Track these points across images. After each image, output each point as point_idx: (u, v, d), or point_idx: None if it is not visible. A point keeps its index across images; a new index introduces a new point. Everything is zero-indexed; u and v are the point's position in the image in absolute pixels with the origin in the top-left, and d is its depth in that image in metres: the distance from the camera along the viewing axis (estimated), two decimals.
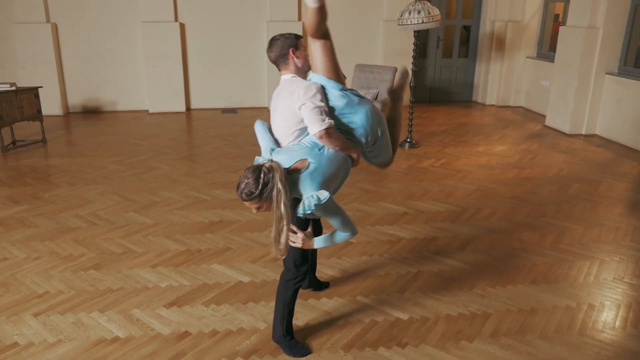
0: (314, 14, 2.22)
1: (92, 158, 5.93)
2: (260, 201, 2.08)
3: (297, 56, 2.40)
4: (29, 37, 7.65)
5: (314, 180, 2.13)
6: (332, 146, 2.23)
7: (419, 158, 6.00)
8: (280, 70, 2.44)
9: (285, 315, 2.56)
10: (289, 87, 2.34)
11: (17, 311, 2.91)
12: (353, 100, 2.32)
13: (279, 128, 2.38)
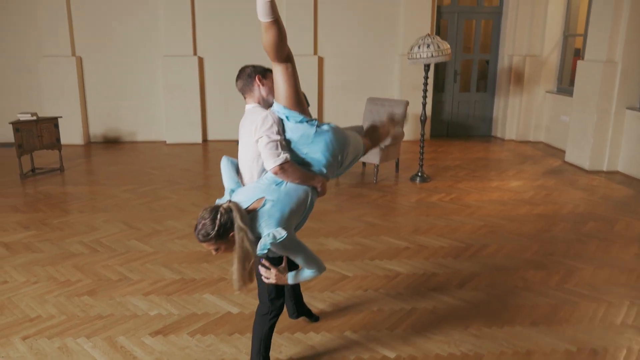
0: (269, 30, 2.11)
1: (105, 186, 6.13)
2: (217, 242, 2.06)
3: (263, 84, 2.42)
4: (55, 69, 8.08)
5: (271, 217, 2.09)
6: (290, 180, 2.20)
7: (428, 192, 5.97)
8: (246, 98, 2.46)
9: (262, 350, 2.54)
10: (250, 117, 2.36)
11: (7, 334, 2.99)
12: (309, 132, 2.26)
13: (244, 159, 2.39)
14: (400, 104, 6.76)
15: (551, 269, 3.94)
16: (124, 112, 8.60)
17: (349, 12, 8.49)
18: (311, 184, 2.27)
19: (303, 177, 2.23)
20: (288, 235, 2.07)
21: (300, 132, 2.25)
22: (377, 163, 6.31)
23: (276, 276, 2.30)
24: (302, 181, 2.23)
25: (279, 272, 2.30)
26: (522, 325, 3.16)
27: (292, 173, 2.19)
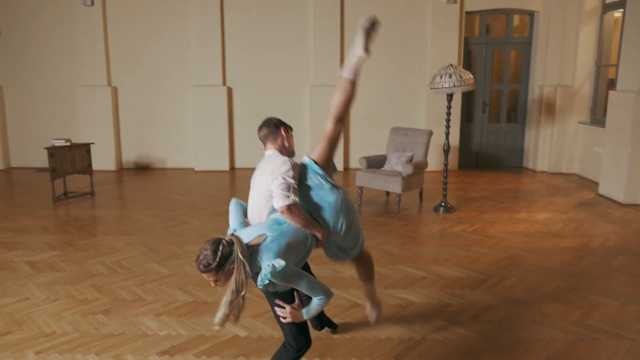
0: (347, 88, 2.48)
1: (131, 211, 6.37)
2: (217, 274, 2.12)
3: (287, 136, 2.66)
4: (91, 98, 8.56)
5: (270, 250, 2.19)
6: (294, 222, 2.33)
7: (451, 222, 5.92)
8: (266, 145, 2.66)
9: None
10: (268, 162, 2.54)
11: (22, 348, 3.13)
12: (325, 186, 2.48)
13: (254, 200, 2.55)
14: (423, 133, 6.80)
15: (573, 304, 3.83)
16: (154, 140, 8.96)
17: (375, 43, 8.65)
18: (312, 231, 2.41)
19: (306, 222, 2.37)
20: (286, 265, 2.14)
21: (317, 183, 2.47)
22: (399, 192, 6.32)
23: (291, 313, 2.39)
24: (304, 225, 2.37)
25: (293, 310, 2.39)
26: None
27: (298, 216, 2.33)
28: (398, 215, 6.24)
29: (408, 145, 6.89)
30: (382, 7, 8.51)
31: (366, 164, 6.80)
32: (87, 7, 8.25)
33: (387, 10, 8.53)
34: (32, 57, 8.65)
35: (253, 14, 8.52)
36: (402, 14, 8.61)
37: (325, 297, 2.32)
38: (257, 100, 8.81)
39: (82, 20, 8.35)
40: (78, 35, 8.44)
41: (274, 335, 3.33)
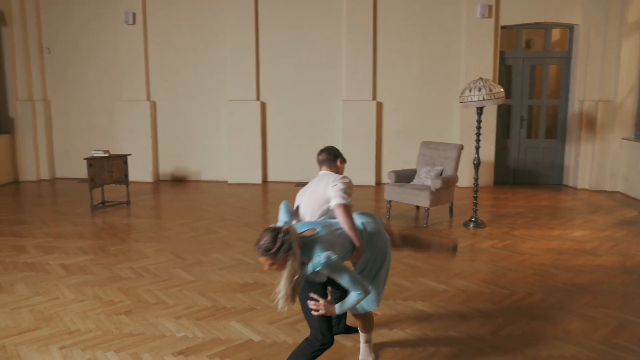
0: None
1: (163, 220, 6.61)
2: (275, 259, 2.37)
3: (340, 167, 3.20)
4: (131, 112, 8.99)
5: (322, 242, 2.48)
6: (344, 221, 2.70)
7: (480, 238, 5.84)
8: (322, 168, 3.16)
9: None
10: (325, 177, 3.03)
11: (47, 343, 3.33)
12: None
13: (309, 205, 2.95)
14: (453, 147, 6.76)
15: (599, 322, 3.70)
16: (190, 153, 9.28)
17: (408, 58, 8.73)
18: (354, 237, 2.72)
19: (353, 225, 2.74)
20: (338, 258, 2.42)
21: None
22: (427, 206, 6.29)
23: (324, 306, 2.53)
24: (350, 227, 2.71)
25: (327, 303, 2.54)
26: None
27: (348, 216, 2.74)
28: (426, 230, 6.20)
29: (438, 160, 6.87)
30: (415, 21, 8.59)
31: (395, 177, 6.81)
32: (129, 26, 8.73)
33: (420, 25, 8.60)
34: (77, 73, 9.19)
35: (287, 30, 8.77)
36: (436, 28, 8.64)
37: (364, 293, 2.51)
38: (290, 114, 9.00)
39: (125, 38, 8.83)
40: (120, 52, 8.93)
41: (287, 341, 3.39)
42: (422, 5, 8.59)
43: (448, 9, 8.59)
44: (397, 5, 8.61)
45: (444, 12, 8.61)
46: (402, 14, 8.62)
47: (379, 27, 8.68)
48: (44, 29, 9.12)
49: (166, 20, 8.91)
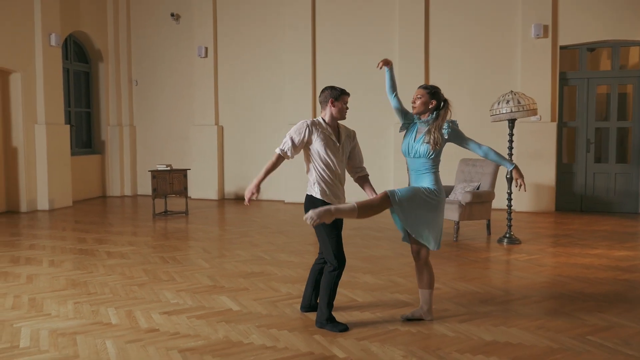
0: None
1: (209, 226, 7.36)
2: (425, 95, 3.45)
3: (334, 106, 3.49)
4: (201, 136, 10.08)
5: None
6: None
7: (508, 252, 5.76)
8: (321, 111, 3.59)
9: (330, 299, 3.40)
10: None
11: (66, 299, 4.06)
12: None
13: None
14: (490, 163, 6.76)
15: (583, 323, 3.60)
16: (252, 173, 10.07)
17: (460, 81, 8.88)
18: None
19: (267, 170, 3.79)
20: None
21: None
22: (456, 220, 6.35)
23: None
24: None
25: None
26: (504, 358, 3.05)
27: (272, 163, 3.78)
28: (454, 243, 6.23)
29: (475, 176, 6.90)
30: (468, 43, 8.78)
31: None
32: (201, 58, 9.94)
33: (474, 47, 8.76)
34: (158, 101, 10.57)
35: (341, 58, 9.40)
36: (488, 50, 8.74)
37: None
38: None
39: (198, 69, 10.05)
40: (194, 81, 10.15)
41: (262, 312, 3.77)
42: (474, 27, 8.78)
43: (501, 30, 8.69)
44: (448, 29, 8.89)
45: (497, 34, 8.71)
46: (453, 36, 8.87)
47: (431, 51, 8.99)
48: (133, 63, 10.67)
49: (233, 52, 10.00)
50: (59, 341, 3.26)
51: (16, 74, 8.33)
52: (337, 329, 3.41)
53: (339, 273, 3.43)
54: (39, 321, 3.62)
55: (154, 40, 10.55)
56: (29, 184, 8.52)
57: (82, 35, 10.11)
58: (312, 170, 3.55)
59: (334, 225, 3.41)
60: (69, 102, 9.92)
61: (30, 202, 8.55)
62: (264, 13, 9.81)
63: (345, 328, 3.42)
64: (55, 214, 8.34)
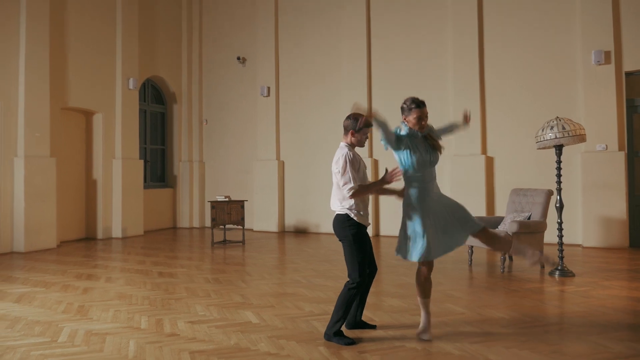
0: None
1: (261, 254, 7.73)
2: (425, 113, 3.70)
3: (355, 136, 3.70)
4: (263, 170, 10.66)
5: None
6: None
7: (556, 284, 5.53)
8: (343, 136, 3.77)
9: (343, 315, 3.58)
10: (338, 150, 3.67)
11: (108, 308, 4.52)
12: None
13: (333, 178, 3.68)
14: (541, 193, 6.60)
15: (604, 349, 3.44)
16: (311, 207, 10.45)
17: (518, 111, 8.76)
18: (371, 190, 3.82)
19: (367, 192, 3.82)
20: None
21: None
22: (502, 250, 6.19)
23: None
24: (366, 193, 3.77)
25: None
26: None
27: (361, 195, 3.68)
28: (500, 275, 6.08)
29: (526, 206, 6.74)
30: (525, 74, 8.69)
31: None
32: (264, 97, 10.65)
33: (531, 77, 8.66)
34: (224, 138, 11.39)
35: (395, 91, 9.63)
36: (549, 78, 8.58)
37: None
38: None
39: (261, 108, 10.75)
40: (257, 119, 10.85)
41: (278, 325, 3.99)
42: (530, 56, 8.69)
43: (559, 58, 8.53)
44: (502, 61, 8.87)
45: (555, 62, 8.55)
46: (509, 68, 8.83)
47: (487, 85, 8.98)
48: (204, 104, 11.63)
49: (294, 90, 10.61)
50: (91, 339, 3.70)
51: (98, 115, 9.48)
52: (343, 342, 3.56)
53: (358, 292, 3.61)
54: (80, 323, 4.10)
55: (222, 82, 11.49)
56: (105, 213, 9.47)
57: (159, 79, 11.26)
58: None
59: (365, 244, 3.67)
60: (145, 139, 11.01)
61: (105, 229, 9.49)
62: (322, 52, 10.39)
63: (351, 342, 3.56)
64: (126, 241, 9.17)
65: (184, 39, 11.68)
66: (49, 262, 7.07)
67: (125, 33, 9.82)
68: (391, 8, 9.82)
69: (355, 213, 3.61)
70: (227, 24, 11.64)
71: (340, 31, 10.21)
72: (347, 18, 10.08)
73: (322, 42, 10.43)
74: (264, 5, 10.93)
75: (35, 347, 3.55)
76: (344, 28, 10.14)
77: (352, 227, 3.60)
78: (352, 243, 3.59)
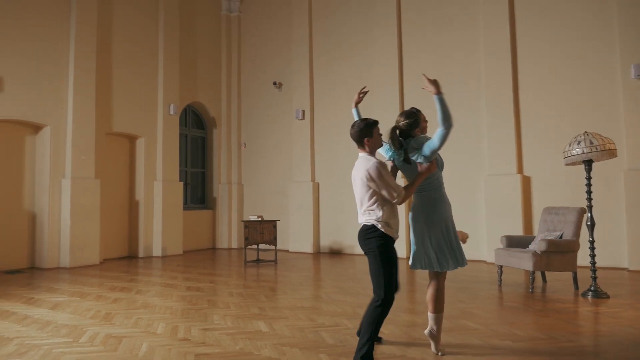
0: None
1: (291, 272, 7.90)
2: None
3: (369, 142, 3.50)
4: (298, 191, 10.92)
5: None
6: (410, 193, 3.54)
7: (587, 305, 5.36)
8: (358, 148, 3.57)
9: (372, 335, 3.29)
10: (362, 161, 3.47)
11: (136, 316, 4.81)
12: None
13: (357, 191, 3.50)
14: (573, 211, 6.45)
15: None
16: (345, 228, 10.57)
17: (555, 129, 8.61)
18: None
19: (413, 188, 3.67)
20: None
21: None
22: (530, 269, 6.09)
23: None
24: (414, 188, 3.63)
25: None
26: None
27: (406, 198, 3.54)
28: (529, 295, 5.95)
29: (558, 225, 6.60)
30: (562, 90, 8.56)
31: (506, 242, 6.77)
32: (299, 120, 10.98)
33: (569, 93, 8.52)
34: (262, 160, 11.77)
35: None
36: (587, 93, 8.41)
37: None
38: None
39: (296, 131, 11.09)
40: (292, 142, 11.18)
41: (286, 334, 4.13)
42: (566, 72, 8.56)
43: (597, 73, 8.35)
44: (539, 79, 8.79)
45: (594, 77, 8.38)
46: (545, 84, 8.73)
47: (521, 106, 8.91)
48: (242, 128, 12.12)
49: (328, 113, 10.89)
50: (109, 341, 3.98)
51: (141, 139, 10.10)
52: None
53: (385, 310, 3.31)
54: (103, 327, 4.40)
55: (259, 107, 11.96)
56: (146, 233, 9.98)
57: (199, 105, 11.86)
58: (378, 207, 3.42)
59: (394, 260, 3.41)
60: (186, 163, 11.56)
61: (146, 248, 9.98)
62: (355, 75, 10.65)
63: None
64: (165, 260, 9.60)
65: (223, 66, 12.29)
66: (89, 276, 7.54)
67: (167, 61, 10.48)
68: (422, 30, 9.98)
69: (383, 224, 3.38)
70: (264, 50, 12.17)
71: (373, 54, 10.45)
72: (379, 40, 10.32)
73: (355, 66, 10.70)
74: (298, 31, 11.38)
75: (58, 346, 3.86)
76: (376, 51, 10.37)
77: (377, 239, 3.36)
78: (377, 256, 3.35)
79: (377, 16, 10.41)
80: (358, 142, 3.52)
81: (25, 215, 8.46)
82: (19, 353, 3.70)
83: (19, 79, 8.07)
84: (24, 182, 8.48)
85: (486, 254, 8.94)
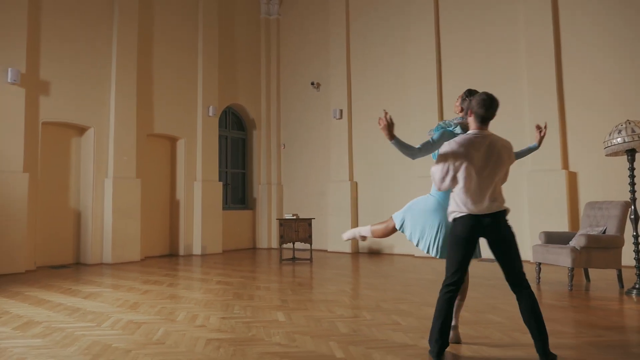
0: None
1: (324, 270, 7.91)
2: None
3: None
4: (337, 191, 10.93)
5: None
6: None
7: (629, 303, 5.08)
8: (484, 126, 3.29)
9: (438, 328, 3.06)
10: (498, 139, 3.32)
11: (160, 306, 4.97)
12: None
13: (496, 172, 3.41)
14: (617, 205, 6.13)
15: None
16: None
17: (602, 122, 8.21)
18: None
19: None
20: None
21: None
22: (569, 266, 5.82)
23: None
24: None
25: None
26: None
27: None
28: (567, 292, 5.69)
29: (602, 220, 6.28)
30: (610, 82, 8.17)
31: (545, 238, 6.52)
32: (337, 120, 11.01)
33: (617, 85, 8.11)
34: (300, 161, 11.88)
35: None
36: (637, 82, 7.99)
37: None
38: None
39: (334, 130, 11.12)
40: (330, 141, 11.21)
41: (301, 323, 4.15)
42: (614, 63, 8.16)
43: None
44: (584, 71, 8.41)
45: None
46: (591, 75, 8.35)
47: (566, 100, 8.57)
48: (281, 129, 12.28)
49: (366, 112, 10.86)
50: (129, 326, 4.13)
51: (181, 140, 10.43)
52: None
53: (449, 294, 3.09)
54: (128, 315, 4.58)
55: (297, 107, 12.08)
56: (187, 232, 10.28)
57: (239, 107, 12.13)
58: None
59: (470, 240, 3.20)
60: (226, 164, 11.83)
61: (186, 247, 10.27)
62: (392, 74, 10.58)
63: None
64: (204, 258, 9.85)
65: (262, 68, 12.52)
66: (127, 271, 7.86)
67: (206, 63, 10.79)
68: (460, 27, 9.79)
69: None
70: (302, 52, 12.30)
71: (409, 52, 10.33)
72: (416, 39, 10.20)
73: (392, 64, 10.62)
74: (335, 32, 11.43)
75: (80, 329, 4.05)
76: (413, 49, 10.25)
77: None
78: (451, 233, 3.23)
79: (413, 15, 10.31)
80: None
81: (71, 214, 8.92)
82: (44, 334, 3.91)
83: (64, 82, 8.55)
84: (70, 181, 8.96)
85: (529, 253, 8.61)
